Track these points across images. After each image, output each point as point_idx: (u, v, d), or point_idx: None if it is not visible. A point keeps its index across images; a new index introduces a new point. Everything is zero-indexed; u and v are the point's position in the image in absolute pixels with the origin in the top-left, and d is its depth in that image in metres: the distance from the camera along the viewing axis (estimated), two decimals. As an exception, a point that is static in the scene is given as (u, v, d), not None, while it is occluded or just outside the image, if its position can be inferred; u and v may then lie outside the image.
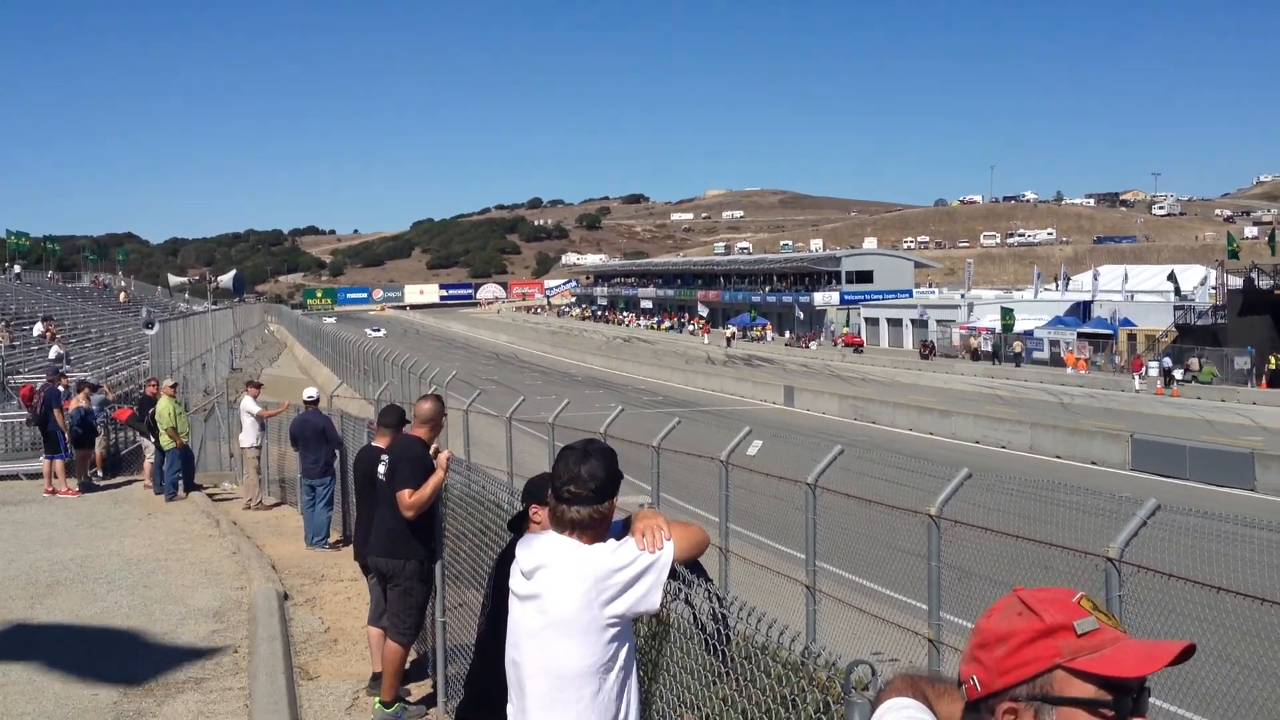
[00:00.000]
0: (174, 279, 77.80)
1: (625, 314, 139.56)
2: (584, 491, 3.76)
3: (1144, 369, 56.36)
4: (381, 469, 8.12)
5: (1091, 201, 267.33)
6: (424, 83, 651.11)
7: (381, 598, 8.41)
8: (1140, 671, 1.74)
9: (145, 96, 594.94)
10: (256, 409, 19.31)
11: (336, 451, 15.11)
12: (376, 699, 8.16)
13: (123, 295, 74.45)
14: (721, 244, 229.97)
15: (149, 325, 37.06)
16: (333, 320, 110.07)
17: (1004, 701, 1.77)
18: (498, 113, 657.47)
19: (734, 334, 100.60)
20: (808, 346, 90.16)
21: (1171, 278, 74.91)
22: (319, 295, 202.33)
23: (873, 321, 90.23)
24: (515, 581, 3.85)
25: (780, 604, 11.18)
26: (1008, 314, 71.71)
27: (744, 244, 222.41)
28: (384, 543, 8.08)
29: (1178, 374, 54.06)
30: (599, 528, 3.79)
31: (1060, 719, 1.75)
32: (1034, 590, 1.83)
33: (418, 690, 8.68)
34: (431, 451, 7.87)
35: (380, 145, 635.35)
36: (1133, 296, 76.37)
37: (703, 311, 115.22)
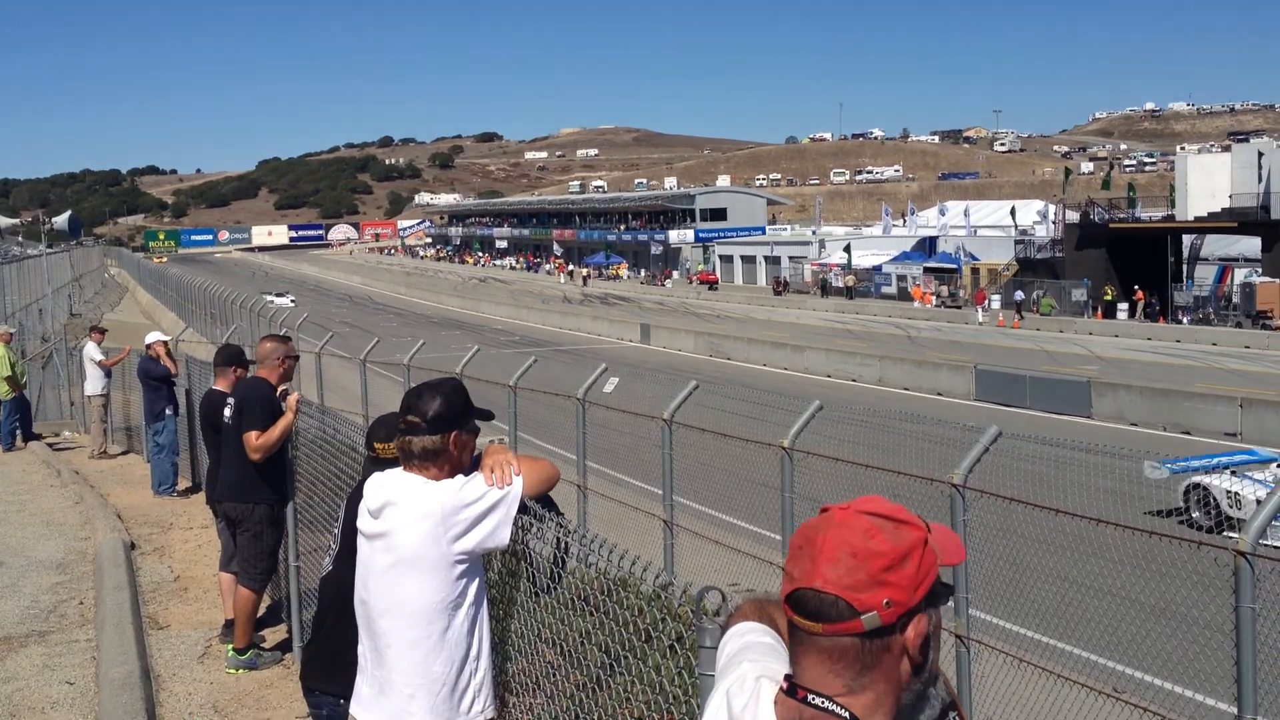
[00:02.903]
0: (5, 221, 74.18)
1: (480, 254, 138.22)
2: (419, 421, 3.70)
3: (986, 302, 58.26)
4: (227, 412, 7.91)
5: (936, 138, 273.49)
6: (267, 14, 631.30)
7: (231, 542, 8.24)
8: (961, 557, 1.89)
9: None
10: (100, 356, 18.66)
11: (173, 388, 14.79)
12: (229, 646, 8.01)
13: (-50, 239, 70.91)
14: (576, 182, 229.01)
15: (-21, 270, 35.44)
16: (287, 299, 63.76)
17: (917, 615, 1.80)
18: (346, 47, 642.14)
19: (589, 273, 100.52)
20: (663, 284, 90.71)
21: (1012, 213, 77.15)
22: (161, 237, 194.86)
23: (727, 259, 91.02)
24: (363, 521, 3.80)
25: (639, 539, 11.28)
26: (846, 249, 73.96)
27: (599, 182, 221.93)
28: (232, 487, 7.89)
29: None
30: (443, 462, 3.73)
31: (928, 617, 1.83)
32: (878, 502, 1.86)
33: (272, 636, 8.55)
34: (280, 393, 7.69)
35: (222, 80, 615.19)
36: (976, 232, 78.40)
37: (558, 251, 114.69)
